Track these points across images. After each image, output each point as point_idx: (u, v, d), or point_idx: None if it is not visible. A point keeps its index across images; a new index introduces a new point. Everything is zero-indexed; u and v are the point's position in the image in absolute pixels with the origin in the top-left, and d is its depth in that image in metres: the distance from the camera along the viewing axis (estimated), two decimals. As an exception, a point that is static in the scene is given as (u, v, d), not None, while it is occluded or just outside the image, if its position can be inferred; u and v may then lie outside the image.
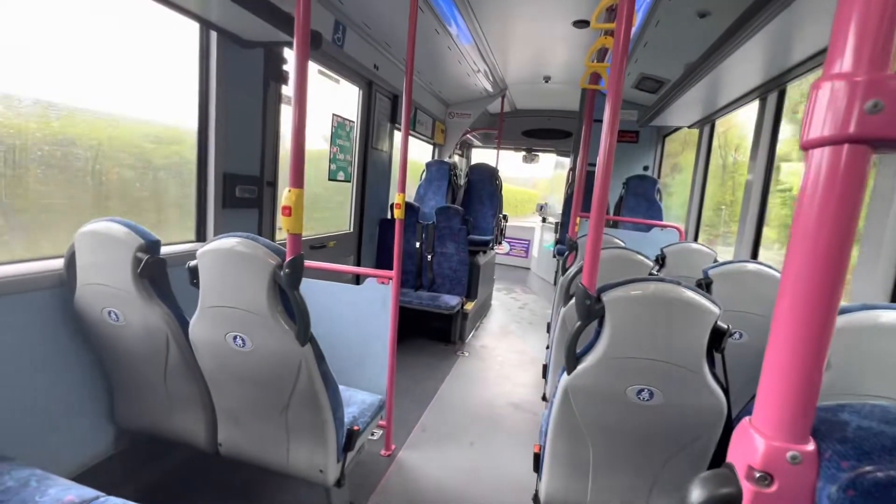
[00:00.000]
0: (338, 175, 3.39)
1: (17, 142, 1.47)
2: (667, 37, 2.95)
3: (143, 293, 1.42)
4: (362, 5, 2.86)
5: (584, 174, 2.98)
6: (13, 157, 1.46)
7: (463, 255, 3.90)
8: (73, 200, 1.68)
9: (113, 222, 1.44)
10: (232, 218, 2.28)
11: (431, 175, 4.98)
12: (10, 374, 1.41)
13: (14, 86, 1.44)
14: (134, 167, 1.93)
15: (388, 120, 4.02)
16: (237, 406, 1.53)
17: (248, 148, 2.36)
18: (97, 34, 1.70)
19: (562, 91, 5.30)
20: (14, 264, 1.46)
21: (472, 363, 3.58)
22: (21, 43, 1.45)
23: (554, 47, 3.91)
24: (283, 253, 1.28)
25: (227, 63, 2.14)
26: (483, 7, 3.07)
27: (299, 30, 1.25)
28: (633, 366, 1.15)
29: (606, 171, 1.28)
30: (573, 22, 3.29)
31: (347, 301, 2.17)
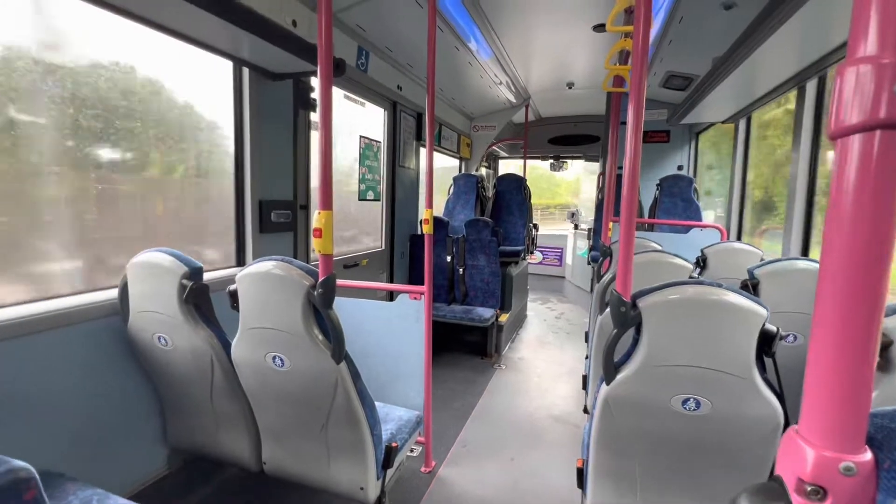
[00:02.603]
0: (367, 195, 3.47)
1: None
2: (692, 32, 2.88)
3: (189, 318, 1.50)
4: (384, 30, 2.96)
5: (613, 178, 2.91)
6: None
7: (495, 267, 3.88)
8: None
9: (160, 252, 1.53)
10: (268, 242, 2.38)
11: (459, 189, 5.01)
12: (74, 398, 1.51)
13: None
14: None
15: (413, 138, 4.10)
16: (279, 424, 1.57)
17: (281, 174, 2.47)
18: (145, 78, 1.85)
19: (586, 96, 5.24)
20: (74, 296, 1.58)
21: (509, 376, 3.53)
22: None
23: (575, 53, 3.89)
24: (316, 274, 1.32)
25: (259, 95, 2.26)
26: (501, 20, 3.10)
27: (322, 59, 1.31)
28: (676, 374, 1.10)
29: (634, 172, 1.25)
30: (593, 26, 3.27)
31: (381, 317, 2.20)
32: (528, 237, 4.81)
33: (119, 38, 1.72)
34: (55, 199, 1.54)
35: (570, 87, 4.95)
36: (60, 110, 1.54)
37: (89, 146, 1.64)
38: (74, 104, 1.58)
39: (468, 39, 3.32)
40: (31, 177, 1.48)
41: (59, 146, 1.54)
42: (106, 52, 1.69)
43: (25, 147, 1.45)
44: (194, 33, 1.81)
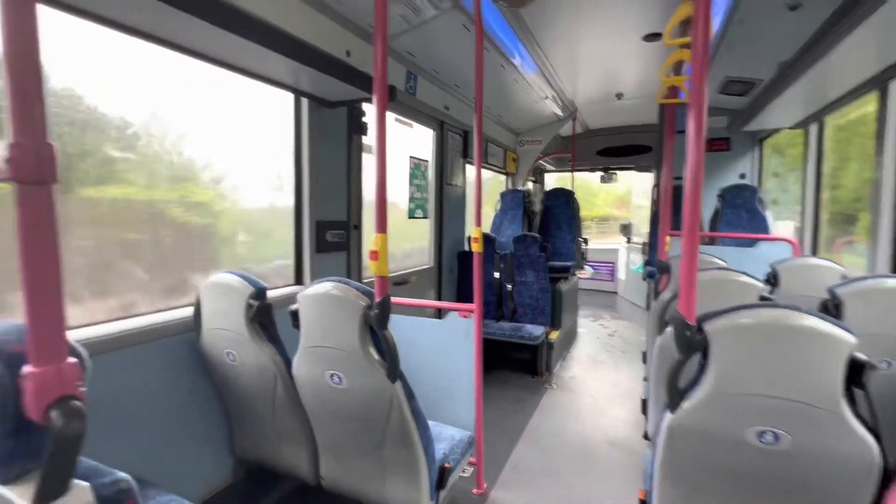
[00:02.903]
0: (416, 213, 3.55)
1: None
2: (753, 35, 2.73)
3: (255, 335, 1.59)
4: (431, 55, 3.05)
5: (670, 190, 2.79)
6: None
7: (544, 283, 3.81)
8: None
9: (229, 273, 1.64)
10: (324, 261, 2.48)
11: (506, 204, 5.00)
12: (153, 408, 1.64)
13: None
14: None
15: (460, 155, 4.16)
16: (336, 441, 1.62)
17: (336, 196, 2.58)
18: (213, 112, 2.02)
19: (637, 106, 5.09)
20: (155, 314, 1.73)
21: (561, 396, 3.42)
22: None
23: (625, 63, 3.81)
24: (372, 294, 1.36)
25: (316, 123, 2.39)
26: (546, 35, 3.10)
27: (378, 90, 1.37)
28: (751, 404, 1.02)
29: (696, 185, 1.18)
30: (644, 36, 3.19)
31: (431, 335, 2.22)
32: (578, 252, 4.69)
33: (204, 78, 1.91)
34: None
35: (620, 98, 4.83)
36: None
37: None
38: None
39: (512, 55, 3.35)
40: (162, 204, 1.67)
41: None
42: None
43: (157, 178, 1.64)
44: (261, 70, 1.96)
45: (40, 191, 0.56)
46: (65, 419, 0.56)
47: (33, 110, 0.55)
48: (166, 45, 1.62)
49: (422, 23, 2.62)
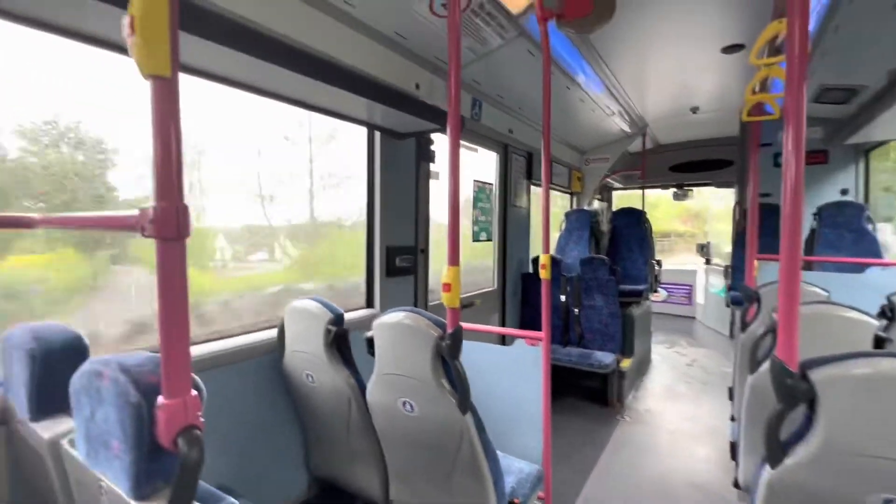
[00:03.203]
0: (480, 236, 3.57)
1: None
2: (852, 41, 2.48)
3: (332, 359, 1.68)
4: (496, 81, 3.11)
5: (756, 209, 2.58)
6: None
7: (614, 308, 3.63)
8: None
9: (310, 300, 1.76)
10: (393, 285, 2.57)
11: (571, 225, 4.87)
12: (239, 423, 1.78)
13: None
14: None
15: (524, 177, 4.14)
16: (406, 466, 1.64)
17: (405, 221, 2.68)
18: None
19: (714, 119, 4.79)
20: (244, 335, 1.89)
21: (635, 429, 3.21)
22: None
23: (701, 77, 3.61)
24: (444, 325, 1.38)
25: (387, 153, 2.51)
26: (613, 51, 3.04)
27: (452, 127, 1.42)
28: (873, 467, 0.90)
29: (795, 212, 1.06)
30: (723, 48, 3.02)
31: (498, 362, 2.19)
32: (651, 274, 4.43)
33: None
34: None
35: (695, 112, 4.58)
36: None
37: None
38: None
39: (576, 73, 3.31)
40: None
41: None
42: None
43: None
44: (339, 108, 2.11)
45: (176, 246, 0.64)
46: (188, 447, 0.63)
47: (173, 176, 0.64)
48: (258, 92, 1.80)
49: (488, 52, 2.68)
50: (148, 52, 0.60)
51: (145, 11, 0.59)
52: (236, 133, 2.00)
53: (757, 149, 2.58)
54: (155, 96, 0.63)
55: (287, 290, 2.23)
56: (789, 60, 1.09)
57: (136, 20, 0.59)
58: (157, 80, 0.62)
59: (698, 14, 2.56)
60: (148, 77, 0.62)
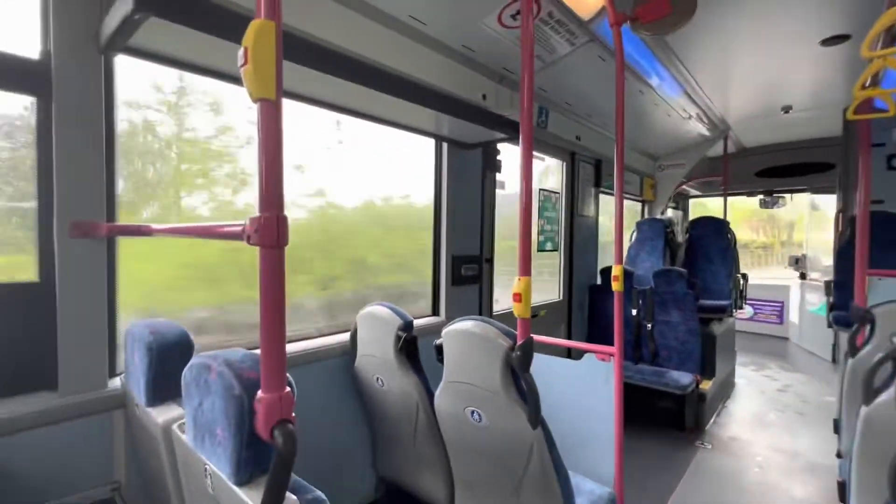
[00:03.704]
0: (546, 246, 3.50)
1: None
2: None
3: (401, 364, 1.72)
4: (564, 88, 3.05)
5: (866, 218, 2.29)
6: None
7: (692, 325, 3.37)
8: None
9: (381, 306, 1.82)
10: (459, 294, 2.59)
11: (643, 234, 4.62)
12: (314, 420, 1.88)
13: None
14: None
15: (591, 185, 4.01)
16: (473, 476, 1.63)
17: (471, 231, 2.70)
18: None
19: (810, 118, 4.33)
20: (321, 338, 2.00)
21: (719, 459, 2.93)
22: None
23: (795, 73, 3.29)
24: (514, 336, 1.37)
25: (454, 163, 2.56)
26: (691, 51, 2.86)
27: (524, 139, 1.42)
28: None
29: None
30: (822, 41, 2.73)
31: (566, 375, 2.13)
32: (736, 290, 4.06)
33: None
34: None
35: (787, 112, 4.17)
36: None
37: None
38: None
39: (651, 78, 3.16)
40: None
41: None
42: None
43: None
44: (409, 122, 2.19)
45: (277, 253, 0.70)
46: (283, 439, 0.68)
47: (276, 189, 0.70)
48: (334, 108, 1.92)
49: (556, 60, 2.65)
50: (258, 78, 0.67)
51: (256, 44, 0.66)
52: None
53: (868, 150, 2.29)
54: (262, 117, 0.70)
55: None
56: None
57: (249, 51, 0.67)
58: (264, 102, 0.69)
59: (793, 5, 2.35)
60: (256, 100, 0.69)
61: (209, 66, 1.46)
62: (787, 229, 11.40)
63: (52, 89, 1.21)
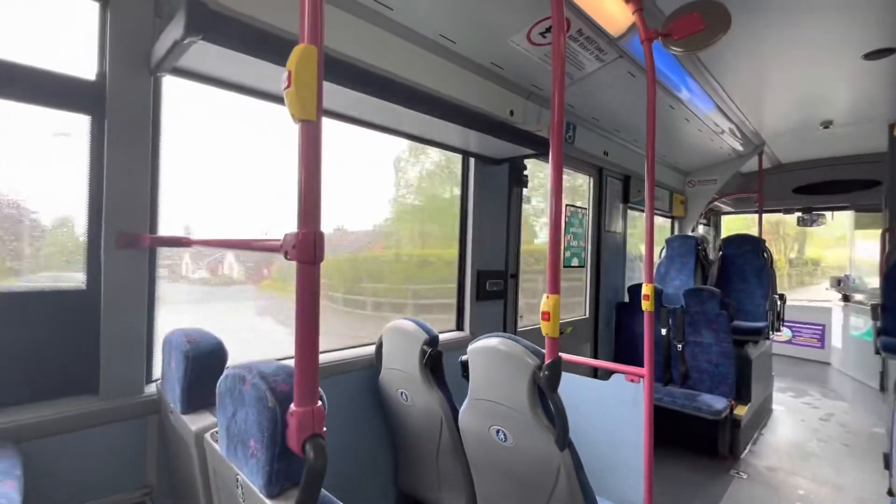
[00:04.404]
0: (572, 262, 3.45)
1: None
2: None
3: (426, 379, 1.72)
4: (591, 104, 3.04)
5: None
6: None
7: (726, 346, 3.24)
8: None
9: (407, 320, 1.83)
10: (483, 308, 2.58)
11: (673, 252, 4.49)
12: (338, 432, 1.88)
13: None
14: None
15: (619, 201, 3.94)
16: (496, 496, 1.60)
17: (496, 246, 2.69)
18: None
19: (852, 134, 4.16)
20: (348, 349, 2.02)
21: (755, 490, 2.78)
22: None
23: (835, 87, 3.18)
24: (541, 354, 1.35)
25: (481, 178, 2.57)
26: (724, 65, 2.80)
27: (554, 157, 1.41)
28: None
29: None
30: (864, 54, 2.64)
31: (594, 396, 2.07)
32: (773, 311, 3.89)
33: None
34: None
35: (827, 127, 4.01)
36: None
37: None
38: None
39: (681, 92, 3.10)
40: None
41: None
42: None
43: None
44: (437, 137, 2.21)
45: (313, 269, 0.72)
46: (315, 453, 0.68)
47: (314, 207, 0.72)
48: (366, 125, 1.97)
49: (584, 77, 2.64)
50: (300, 100, 0.70)
51: (299, 67, 0.69)
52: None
53: None
54: (303, 138, 0.72)
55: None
56: None
57: (293, 74, 0.69)
58: (305, 123, 0.71)
59: (833, 19, 2.28)
60: (298, 121, 0.72)
61: (253, 87, 1.53)
62: (796, 243, 10.68)
63: (104, 109, 1.29)
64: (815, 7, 2.18)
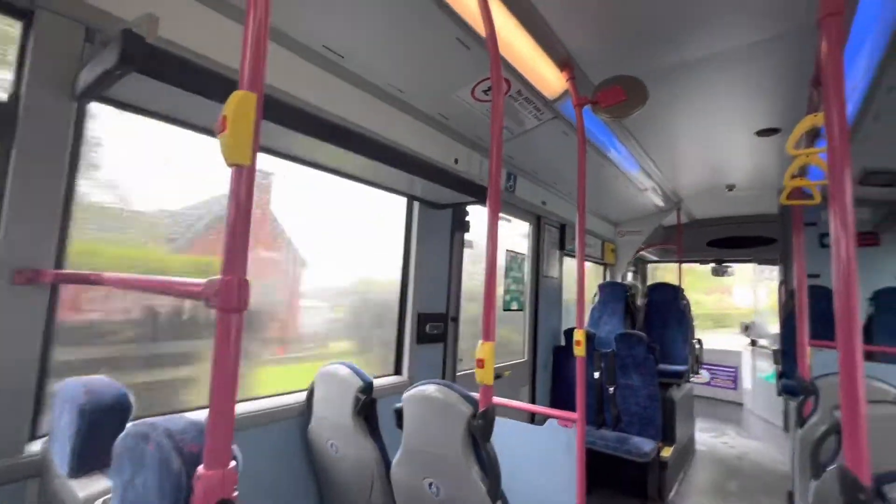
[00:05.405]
0: (511, 305, 3.54)
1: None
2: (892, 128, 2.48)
3: (359, 429, 1.64)
4: (531, 157, 3.25)
5: (804, 291, 2.46)
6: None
7: (652, 389, 3.42)
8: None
9: (341, 365, 1.76)
10: (422, 352, 2.54)
11: (605, 297, 4.77)
12: (259, 489, 1.72)
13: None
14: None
15: (556, 248, 4.16)
16: (427, 556, 1.52)
17: (437, 289, 2.71)
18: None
19: (752, 197, 4.75)
20: (277, 397, 1.89)
21: (680, 532, 2.87)
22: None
23: (736, 157, 3.65)
24: (476, 402, 1.35)
25: (424, 222, 2.61)
26: (647, 132, 3.14)
27: (491, 205, 1.48)
28: None
29: (849, 303, 1.00)
30: (757, 131, 3.07)
31: (527, 441, 2.07)
32: (692, 354, 4.19)
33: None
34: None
35: (731, 190, 4.57)
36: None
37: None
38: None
39: (610, 153, 3.41)
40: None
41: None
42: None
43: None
44: (382, 181, 2.24)
45: (236, 317, 0.68)
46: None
47: (242, 252, 0.70)
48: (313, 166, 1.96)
49: (524, 132, 2.84)
50: (235, 145, 0.69)
51: (236, 114, 0.69)
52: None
53: (801, 229, 2.52)
54: (234, 181, 0.71)
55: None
56: (830, 151, 1.09)
57: (229, 120, 0.69)
58: (238, 168, 0.70)
59: (730, 98, 2.66)
60: (230, 165, 0.71)
61: (192, 122, 1.48)
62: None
63: (14, 133, 1.19)
64: (717, 90, 2.53)
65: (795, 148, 1.65)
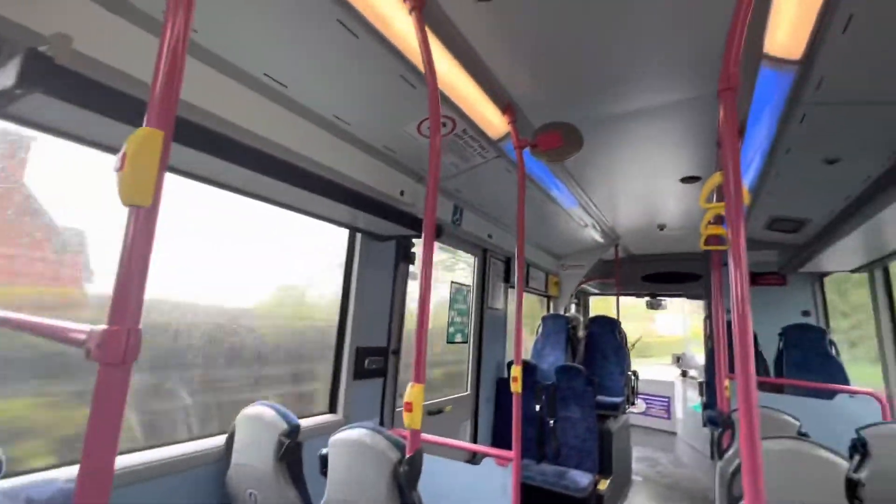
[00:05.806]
0: (455, 337, 3.53)
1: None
2: (792, 184, 2.80)
3: (280, 476, 1.53)
4: (477, 191, 3.33)
5: (722, 327, 2.65)
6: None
7: (591, 422, 3.50)
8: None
9: (266, 406, 1.65)
10: (360, 388, 2.45)
11: (548, 329, 4.89)
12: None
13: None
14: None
15: (501, 280, 4.24)
16: None
17: (379, 322, 2.65)
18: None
19: (681, 236, 5.13)
20: (192, 442, 1.73)
21: (615, 568, 2.88)
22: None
23: (664, 201, 3.95)
24: (404, 447, 1.30)
25: (367, 254, 2.57)
26: (584, 174, 3.32)
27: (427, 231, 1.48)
28: None
29: (744, 339, 1.08)
30: (681, 178, 3.35)
31: (463, 482, 2.03)
32: (628, 386, 4.36)
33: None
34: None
35: (662, 229, 4.91)
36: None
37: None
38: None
39: (552, 191, 3.58)
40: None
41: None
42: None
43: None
44: (324, 213, 2.20)
45: (120, 370, 0.62)
46: None
47: (135, 300, 0.64)
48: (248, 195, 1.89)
49: (470, 168, 2.92)
50: (134, 185, 0.64)
51: (138, 153, 0.65)
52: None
53: (719, 269, 2.74)
54: (132, 222, 0.66)
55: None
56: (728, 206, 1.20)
57: (128, 158, 0.64)
58: (136, 208, 0.65)
59: (656, 149, 2.89)
60: (127, 205, 0.66)
61: (94, 140, 1.38)
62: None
63: None
64: (644, 141, 2.75)
65: (708, 201, 1.81)
